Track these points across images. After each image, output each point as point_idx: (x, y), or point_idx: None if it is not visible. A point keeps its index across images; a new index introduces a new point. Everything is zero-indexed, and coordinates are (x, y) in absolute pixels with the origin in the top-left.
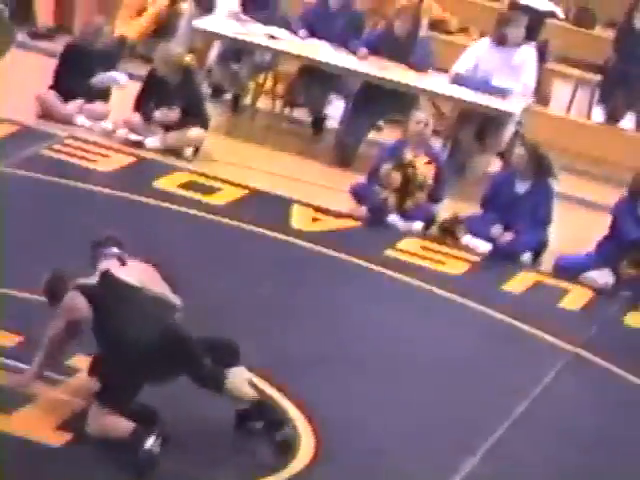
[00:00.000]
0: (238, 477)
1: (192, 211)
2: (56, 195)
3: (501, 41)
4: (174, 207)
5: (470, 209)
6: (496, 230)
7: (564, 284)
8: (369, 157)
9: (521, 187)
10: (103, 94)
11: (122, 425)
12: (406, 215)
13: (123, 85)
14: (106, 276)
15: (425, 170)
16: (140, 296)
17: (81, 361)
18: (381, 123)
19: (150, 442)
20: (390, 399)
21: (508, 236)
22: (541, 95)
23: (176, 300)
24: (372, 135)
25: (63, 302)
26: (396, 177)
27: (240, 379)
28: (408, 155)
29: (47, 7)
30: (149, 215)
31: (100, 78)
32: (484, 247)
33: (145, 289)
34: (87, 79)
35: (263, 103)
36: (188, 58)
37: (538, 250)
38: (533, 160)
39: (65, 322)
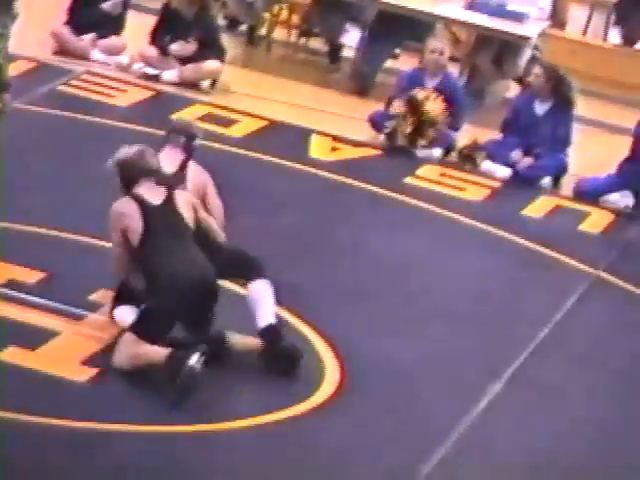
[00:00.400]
0: (262, 408)
1: (211, 143)
2: (73, 131)
3: None
4: None
5: (489, 135)
6: (516, 155)
7: (584, 207)
8: (387, 85)
9: (540, 109)
10: (117, 27)
11: (159, 351)
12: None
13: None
14: (170, 203)
15: (436, 108)
16: (189, 239)
17: (104, 296)
18: (398, 51)
19: (194, 359)
20: (413, 329)
21: (528, 161)
22: (557, 18)
23: (221, 236)
24: (389, 63)
25: (113, 207)
26: (407, 118)
27: (238, 335)
28: (419, 94)
29: None
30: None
31: (111, 3)
32: (503, 172)
33: (196, 227)
34: (99, 10)
35: (279, 34)
36: None
37: (558, 174)
38: (552, 81)
39: (119, 235)
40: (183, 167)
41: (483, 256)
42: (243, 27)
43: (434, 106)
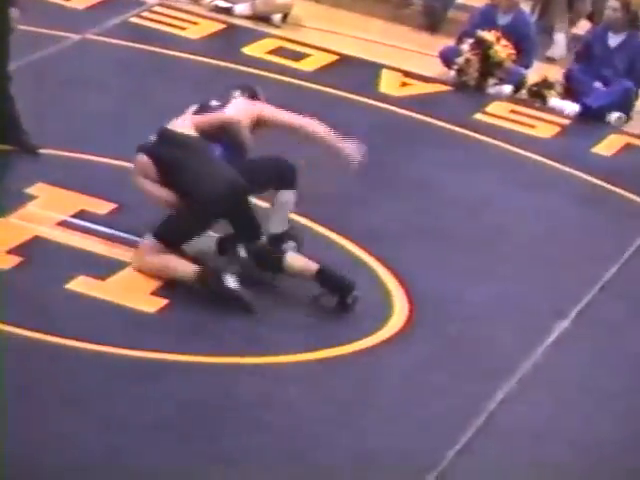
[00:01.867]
0: (332, 341)
1: (281, 77)
2: (145, 62)
3: None
4: (263, 73)
5: (559, 72)
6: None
7: None
8: (458, 21)
9: (614, 41)
10: None
11: (186, 266)
12: None
13: None
14: (163, 132)
15: (504, 51)
16: (201, 147)
17: None
18: None
19: (230, 281)
20: (481, 266)
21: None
22: None
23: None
24: None
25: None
26: (474, 62)
27: (297, 256)
28: (488, 36)
29: None
30: (238, 81)
31: None
32: (571, 108)
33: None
34: None
35: None
36: None
37: (625, 101)
38: (628, 14)
39: (146, 182)
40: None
41: (552, 194)
42: None
43: (502, 49)
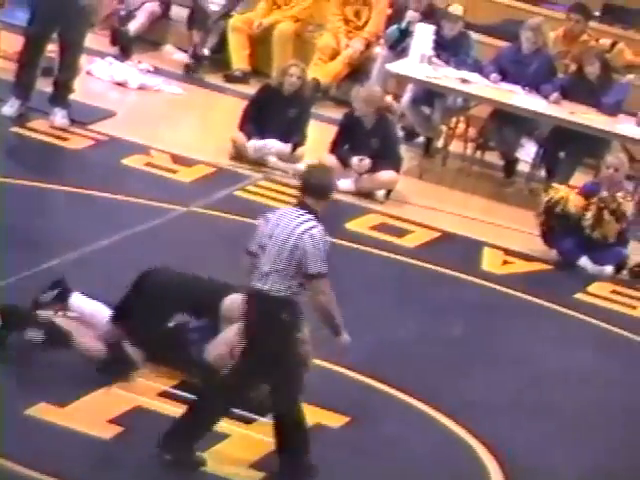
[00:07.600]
0: None
1: (383, 253)
2: (249, 235)
3: None
4: (366, 248)
5: None
6: None
7: None
8: None
9: None
10: (300, 138)
11: None
12: (597, 258)
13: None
14: None
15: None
16: None
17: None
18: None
19: None
20: (577, 441)
21: None
22: None
23: None
24: None
25: None
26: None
27: None
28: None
29: (243, 52)
30: (340, 256)
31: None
32: None
33: None
34: (278, 121)
35: (455, 146)
36: (389, 98)
37: None
38: None
39: None
40: None
41: None
42: (420, 139)
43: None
